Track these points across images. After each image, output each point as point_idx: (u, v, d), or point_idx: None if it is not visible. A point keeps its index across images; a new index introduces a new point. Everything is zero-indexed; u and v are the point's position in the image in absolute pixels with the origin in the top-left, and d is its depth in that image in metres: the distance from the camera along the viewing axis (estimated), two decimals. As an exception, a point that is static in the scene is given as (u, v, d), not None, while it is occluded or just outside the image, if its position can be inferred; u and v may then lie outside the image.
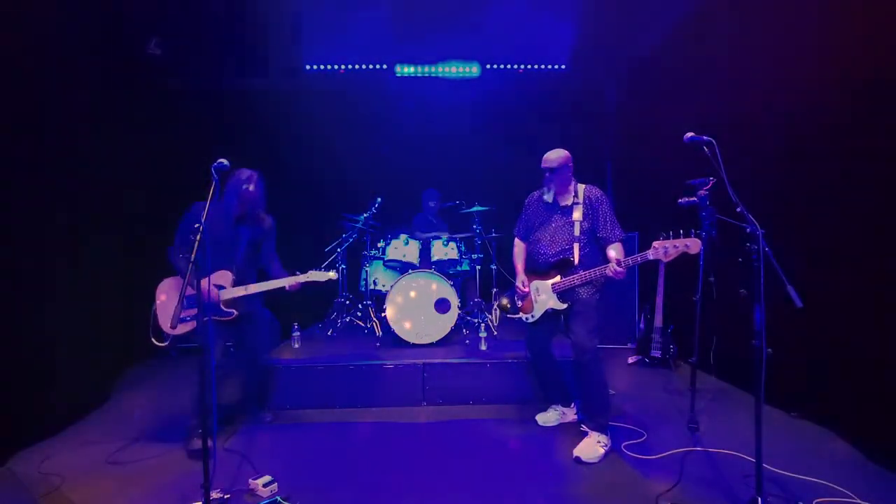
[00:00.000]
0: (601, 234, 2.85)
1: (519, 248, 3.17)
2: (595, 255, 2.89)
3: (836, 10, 2.92)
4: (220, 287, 2.84)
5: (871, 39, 2.67)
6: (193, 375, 2.87)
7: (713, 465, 2.58)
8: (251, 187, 2.86)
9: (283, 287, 2.94)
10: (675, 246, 2.42)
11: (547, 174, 2.88)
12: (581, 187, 2.93)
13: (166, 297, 2.83)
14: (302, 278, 2.96)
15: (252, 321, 3.05)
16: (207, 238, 2.66)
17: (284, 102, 5.92)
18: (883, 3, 2.59)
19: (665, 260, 2.48)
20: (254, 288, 2.89)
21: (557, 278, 2.85)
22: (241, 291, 2.87)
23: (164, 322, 2.79)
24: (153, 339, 2.78)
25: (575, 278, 2.76)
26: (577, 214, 2.86)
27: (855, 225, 2.78)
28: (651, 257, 2.49)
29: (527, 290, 2.98)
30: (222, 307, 2.83)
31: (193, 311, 2.74)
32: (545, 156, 2.91)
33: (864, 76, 2.73)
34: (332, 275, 3.01)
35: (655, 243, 2.48)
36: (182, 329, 2.74)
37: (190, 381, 2.90)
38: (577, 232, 2.84)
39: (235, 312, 2.87)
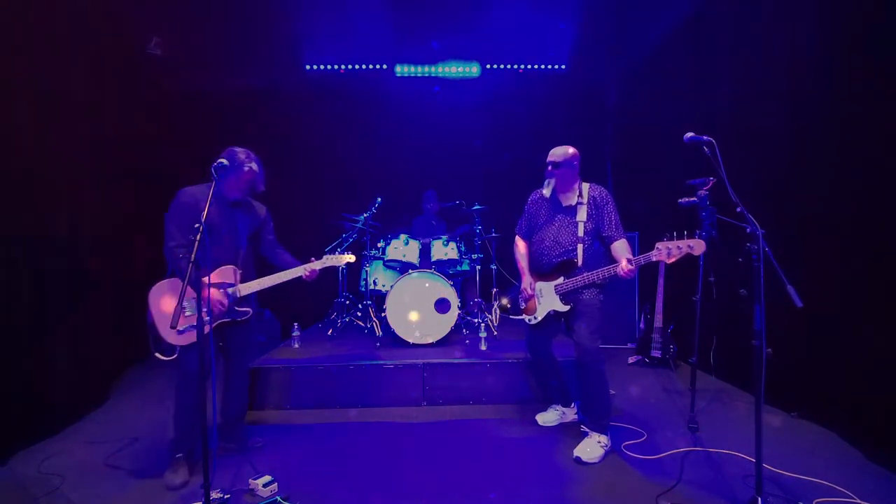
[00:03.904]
0: (605, 234, 2.82)
1: (521, 247, 3.14)
2: (598, 256, 2.87)
3: (837, 7, 2.92)
4: (229, 285, 2.57)
5: (871, 38, 2.68)
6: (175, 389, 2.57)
7: (713, 465, 2.58)
8: (254, 166, 2.59)
9: (300, 276, 2.71)
10: (678, 247, 2.39)
11: (549, 167, 2.86)
12: (585, 187, 2.89)
13: (165, 303, 2.48)
14: (318, 264, 2.76)
15: (249, 324, 2.77)
16: (205, 232, 2.51)
17: (284, 102, 5.93)
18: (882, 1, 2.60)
19: (668, 261, 2.44)
20: (268, 281, 2.67)
21: (560, 280, 2.84)
22: (255, 286, 2.62)
23: (167, 332, 2.44)
24: (157, 355, 2.44)
25: (578, 280, 2.75)
26: (581, 215, 2.83)
27: (855, 225, 2.78)
28: (654, 258, 2.47)
29: (532, 292, 2.97)
30: (235, 307, 2.58)
31: (195, 318, 2.48)
32: (552, 150, 2.90)
33: (865, 75, 2.73)
34: (350, 258, 2.91)
35: (659, 244, 2.45)
36: (188, 338, 2.48)
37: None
38: (580, 233, 2.82)
39: (251, 311, 2.66)
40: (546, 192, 2.93)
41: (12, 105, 3.03)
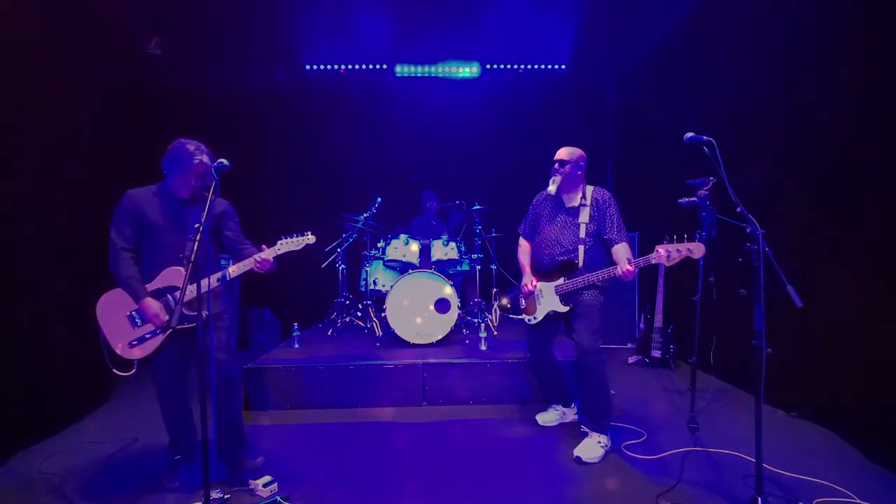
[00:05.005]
0: (607, 236, 2.82)
1: (524, 247, 3.15)
2: (599, 257, 2.87)
3: (837, 6, 2.92)
4: (173, 289, 2.36)
5: (869, 38, 2.68)
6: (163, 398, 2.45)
7: (713, 465, 2.58)
8: (204, 158, 2.37)
9: (251, 269, 2.40)
10: (678, 250, 2.40)
11: (556, 165, 2.88)
12: (589, 189, 2.91)
13: (114, 315, 2.36)
14: (269, 253, 2.41)
15: (223, 320, 2.52)
16: (147, 232, 2.36)
17: (284, 102, 5.93)
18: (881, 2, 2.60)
19: (667, 264, 2.43)
20: (217, 278, 2.37)
21: (561, 280, 2.84)
22: (204, 286, 2.24)
23: (120, 346, 2.34)
24: (116, 371, 2.32)
25: (579, 281, 2.75)
26: (583, 217, 2.84)
27: (855, 225, 2.78)
28: (654, 261, 2.47)
29: (533, 288, 2.96)
30: (184, 310, 2.30)
31: (149, 328, 2.35)
32: (560, 149, 2.92)
33: (866, 74, 2.73)
34: (310, 238, 2.49)
35: (659, 247, 2.45)
36: (144, 351, 2.34)
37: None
38: (582, 234, 2.83)
39: (206, 313, 2.24)
40: (552, 189, 2.92)
41: (14, 107, 3.03)
